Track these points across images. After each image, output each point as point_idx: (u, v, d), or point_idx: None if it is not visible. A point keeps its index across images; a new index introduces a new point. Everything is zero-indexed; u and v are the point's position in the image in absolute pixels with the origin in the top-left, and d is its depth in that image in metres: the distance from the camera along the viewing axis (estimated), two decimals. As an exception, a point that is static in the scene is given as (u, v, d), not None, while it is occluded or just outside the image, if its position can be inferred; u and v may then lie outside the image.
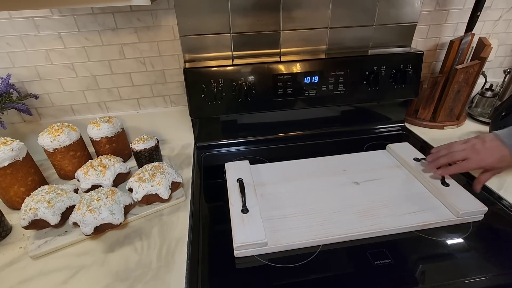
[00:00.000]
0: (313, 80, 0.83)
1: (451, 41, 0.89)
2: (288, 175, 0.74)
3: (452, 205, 0.61)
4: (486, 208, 0.60)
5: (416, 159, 0.75)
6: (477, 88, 0.99)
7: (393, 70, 0.86)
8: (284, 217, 0.61)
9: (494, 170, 0.63)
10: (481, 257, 0.54)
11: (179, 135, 0.94)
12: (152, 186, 0.64)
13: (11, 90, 0.76)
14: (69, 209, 0.61)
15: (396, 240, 0.57)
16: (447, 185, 0.65)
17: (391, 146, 0.82)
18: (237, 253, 0.54)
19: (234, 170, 0.74)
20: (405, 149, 0.80)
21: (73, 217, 0.59)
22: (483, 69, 0.91)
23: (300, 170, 0.76)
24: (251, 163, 0.77)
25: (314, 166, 0.78)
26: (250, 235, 0.55)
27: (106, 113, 0.90)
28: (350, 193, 0.68)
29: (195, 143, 0.92)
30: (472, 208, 0.60)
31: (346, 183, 0.71)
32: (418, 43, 0.97)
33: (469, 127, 0.97)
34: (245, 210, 0.60)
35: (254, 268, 0.54)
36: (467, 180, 0.72)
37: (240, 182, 0.68)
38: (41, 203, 0.58)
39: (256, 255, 0.55)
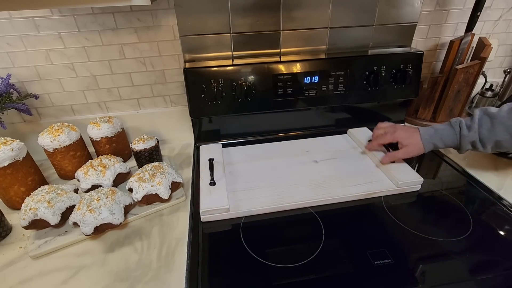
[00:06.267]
0: (313, 80, 0.83)
1: (451, 41, 0.89)
2: (256, 155, 0.83)
3: (393, 177, 0.69)
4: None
5: (369, 141, 0.82)
6: (477, 88, 0.99)
7: (393, 70, 0.86)
8: (247, 190, 0.69)
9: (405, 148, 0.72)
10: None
11: (179, 135, 0.94)
12: (152, 186, 0.64)
13: (11, 90, 0.76)
14: (69, 209, 0.61)
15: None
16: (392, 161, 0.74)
17: (351, 130, 0.91)
18: (203, 218, 0.62)
19: (207, 151, 0.82)
20: (363, 133, 0.88)
21: (73, 217, 0.59)
22: (483, 69, 0.91)
23: (267, 151, 0.85)
24: (224, 147, 0.85)
25: (281, 148, 0.86)
26: (214, 203, 0.63)
27: (106, 113, 0.90)
28: (308, 169, 0.76)
29: (195, 143, 0.92)
30: (409, 179, 0.68)
31: (307, 161, 0.79)
32: (418, 43, 0.97)
33: (469, 127, 0.97)
34: (212, 183, 0.68)
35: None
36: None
37: (210, 160, 0.75)
38: (41, 203, 0.58)
39: (219, 220, 0.63)
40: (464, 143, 0.66)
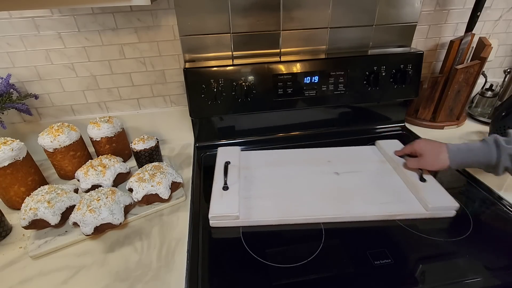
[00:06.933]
0: (313, 80, 0.83)
1: (451, 41, 0.89)
2: (275, 161, 0.79)
3: (423, 199, 0.62)
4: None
5: (401, 156, 0.76)
6: (477, 88, 0.99)
7: (393, 70, 0.86)
8: (260, 197, 0.66)
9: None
10: (474, 258, 0.54)
11: (179, 135, 0.94)
12: (152, 186, 0.64)
13: (11, 90, 0.76)
14: (69, 209, 0.61)
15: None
16: (424, 180, 0.67)
17: (379, 142, 0.84)
18: (212, 223, 0.61)
19: (225, 154, 0.79)
20: (392, 146, 0.81)
21: (73, 217, 0.59)
22: (483, 69, 0.91)
23: (287, 158, 0.80)
24: (243, 150, 0.82)
25: (302, 155, 0.81)
26: (224, 208, 0.61)
27: (106, 113, 0.90)
28: (328, 181, 0.71)
29: (195, 143, 0.92)
30: (442, 203, 0.61)
31: (327, 172, 0.74)
32: (418, 43, 0.97)
33: (469, 127, 0.97)
34: (225, 187, 0.66)
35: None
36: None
37: (226, 163, 0.73)
38: (41, 203, 0.58)
39: (229, 227, 0.61)
40: (503, 157, 0.59)
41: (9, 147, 0.63)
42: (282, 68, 0.81)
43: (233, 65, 0.80)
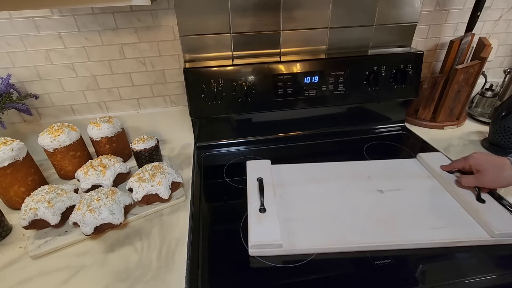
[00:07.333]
0: (313, 80, 0.83)
1: (451, 41, 0.89)
2: (310, 177, 0.72)
3: (487, 224, 0.55)
4: None
5: (449, 172, 0.70)
6: (477, 88, 0.99)
7: (393, 70, 0.86)
8: (302, 220, 0.60)
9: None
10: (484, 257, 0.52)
11: (179, 135, 0.94)
12: (152, 186, 0.64)
13: (11, 90, 0.76)
14: (69, 209, 0.61)
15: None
16: (483, 201, 0.60)
17: (422, 155, 0.77)
18: (251, 251, 0.54)
19: (255, 169, 0.73)
20: (437, 159, 0.74)
21: (73, 217, 0.59)
22: (483, 69, 0.91)
23: (322, 173, 0.73)
24: (272, 163, 0.76)
25: (338, 170, 0.74)
26: (265, 235, 0.54)
27: (106, 113, 0.90)
28: (373, 201, 0.64)
29: (195, 143, 0.92)
30: (511, 229, 0.54)
31: (370, 190, 0.67)
32: (418, 43, 0.97)
33: (469, 127, 0.97)
34: (262, 209, 0.60)
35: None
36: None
37: (260, 181, 0.67)
38: (41, 203, 0.58)
39: (269, 256, 0.54)
40: None
41: (9, 147, 0.63)
42: (282, 68, 0.81)
43: (233, 65, 0.80)
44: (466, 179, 0.63)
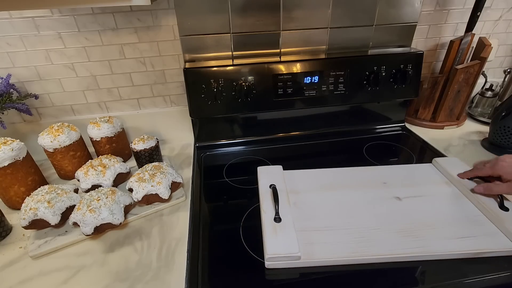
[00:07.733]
0: (313, 80, 0.83)
1: (451, 41, 0.89)
2: (324, 184, 0.70)
3: (510, 231, 0.53)
4: None
5: (469, 179, 0.67)
6: (477, 88, 0.99)
7: (393, 70, 0.86)
8: (319, 230, 0.57)
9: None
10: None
11: (179, 135, 0.94)
12: (152, 186, 0.64)
13: (11, 90, 0.76)
14: (69, 209, 0.61)
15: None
16: (507, 209, 0.58)
17: (438, 160, 0.74)
18: (268, 264, 0.52)
19: (267, 175, 0.70)
20: (454, 165, 0.72)
21: (73, 217, 0.59)
22: (483, 69, 0.91)
23: (336, 179, 0.71)
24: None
25: (352, 176, 0.72)
26: (282, 247, 0.52)
27: (106, 113, 0.90)
28: (391, 209, 0.62)
29: (195, 143, 0.92)
30: None
31: (387, 197, 0.65)
32: (418, 43, 0.97)
33: (469, 127, 0.97)
34: (277, 219, 0.57)
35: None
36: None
37: (273, 188, 0.64)
38: (41, 203, 0.58)
39: (287, 268, 0.52)
40: None
41: (9, 147, 0.63)
42: (282, 68, 0.81)
43: (233, 65, 0.80)
44: (498, 187, 0.59)
